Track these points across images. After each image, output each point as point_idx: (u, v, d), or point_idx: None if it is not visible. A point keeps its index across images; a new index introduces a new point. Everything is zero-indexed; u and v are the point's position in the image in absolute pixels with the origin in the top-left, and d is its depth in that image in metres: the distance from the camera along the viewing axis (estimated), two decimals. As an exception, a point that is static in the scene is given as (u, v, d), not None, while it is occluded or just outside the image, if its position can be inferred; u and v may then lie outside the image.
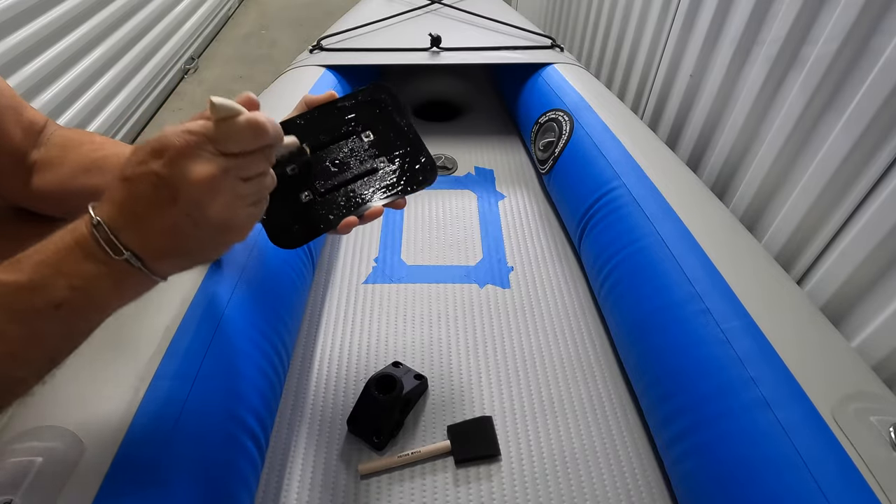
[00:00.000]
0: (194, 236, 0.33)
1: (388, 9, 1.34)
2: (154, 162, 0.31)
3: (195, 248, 0.34)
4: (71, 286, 0.31)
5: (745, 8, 0.91)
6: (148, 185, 0.31)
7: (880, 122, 0.66)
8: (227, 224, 0.33)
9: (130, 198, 0.32)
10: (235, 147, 0.32)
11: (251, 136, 0.33)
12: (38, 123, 0.53)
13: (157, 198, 0.31)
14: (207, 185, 0.31)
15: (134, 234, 0.32)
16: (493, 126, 1.32)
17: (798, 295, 0.63)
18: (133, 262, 0.32)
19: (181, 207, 0.31)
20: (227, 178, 0.32)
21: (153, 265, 0.33)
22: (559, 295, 0.87)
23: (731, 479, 0.50)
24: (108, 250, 0.31)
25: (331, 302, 0.84)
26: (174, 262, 0.34)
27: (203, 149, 0.31)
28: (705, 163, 1.06)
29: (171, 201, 0.31)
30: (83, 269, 0.31)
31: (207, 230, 0.33)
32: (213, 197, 0.32)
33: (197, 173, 0.31)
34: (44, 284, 0.30)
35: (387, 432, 0.65)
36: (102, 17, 1.73)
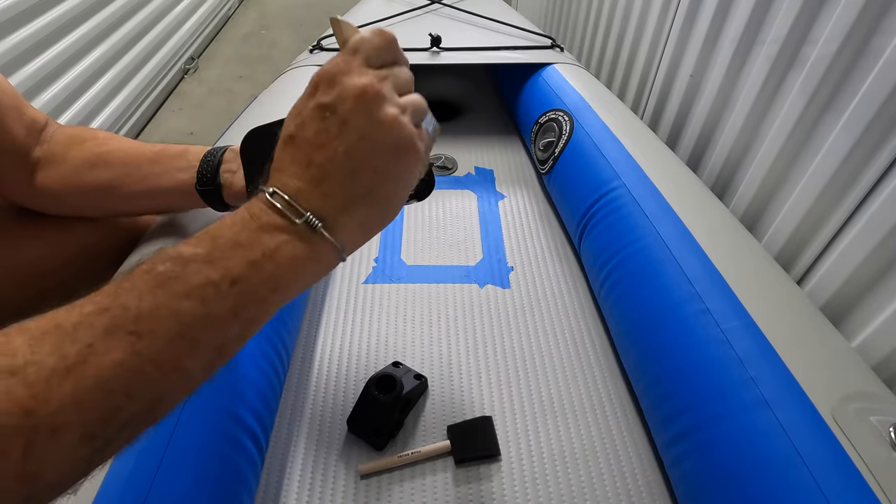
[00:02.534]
0: (372, 166, 0.31)
1: (388, 9, 1.34)
2: (311, 99, 0.30)
3: (376, 186, 0.31)
4: (248, 260, 0.28)
5: (745, 8, 0.91)
6: (314, 122, 0.30)
7: (880, 122, 0.66)
8: (399, 139, 0.31)
9: (300, 150, 0.30)
10: (376, 55, 0.32)
11: (381, 42, 0.32)
12: (39, 122, 0.53)
13: (327, 130, 0.30)
14: (371, 91, 0.30)
15: (313, 188, 0.30)
16: (493, 126, 1.32)
17: (798, 295, 0.63)
18: (314, 224, 0.29)
19: (354, 128, 0.30)
20: (384, 86, 0.31)
21: (335, 225, 0.30)
22: (559, 295, 0.87)
23: (731, 479, 0.50)
24: (287, 214, 0.29)
25: (331, 302, 0.84)
26: (357, 215, 0.31)
27: (353, 65, 0.31)
28: (705, 163, 1.06)
29: (342, 125, 0.30)
30: (260, 241, 0.28)
31: (384, 153, 0.31)
32: (379, 104, 0.30)
33: (358, 82, 0.30)
34: (221, 256, 0.28)
35: (387, 432, 0.65)
36: (102, 17, 1.73)
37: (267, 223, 0.29)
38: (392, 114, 0.31)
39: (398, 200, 0.33)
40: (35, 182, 0.51)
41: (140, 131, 1.97)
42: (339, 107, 0.30)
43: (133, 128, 1.90)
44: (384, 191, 0.32)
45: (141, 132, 1.97)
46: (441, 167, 1.15)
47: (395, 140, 0.31)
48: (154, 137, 1.94)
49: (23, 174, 0.51)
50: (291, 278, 0.30)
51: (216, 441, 0.49)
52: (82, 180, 0.52)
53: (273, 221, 0.29)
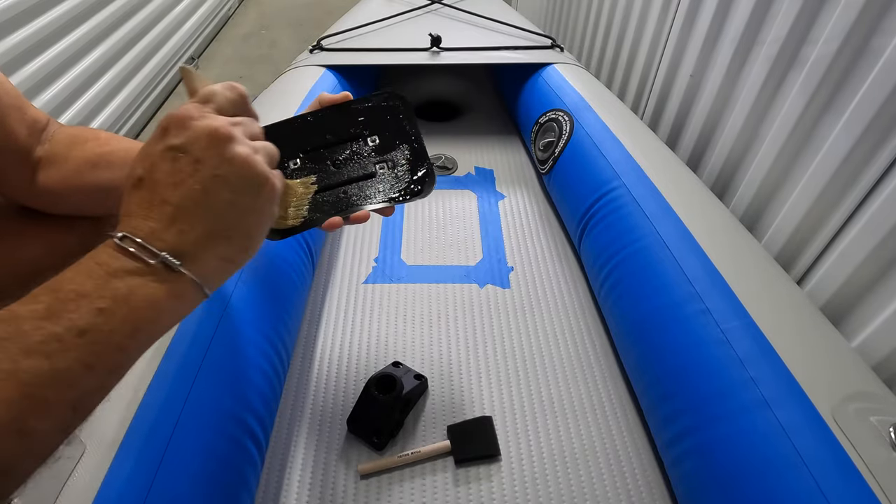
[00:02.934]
0: (228, 201, 0.31)
1: (388, 9, 1.34)
2: (163, 141, 0.31)
3: (234, 221, 0.32)
4: (96, 308, 0.26)
5: (745, 8, 0.91)
6: (167, 162, 0.30)
7: (880, 122, 0.66)
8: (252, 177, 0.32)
9: (152, 192, 0.30)
10: (228, 105, 0.34)
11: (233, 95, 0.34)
12: (41, 121, 0.53)
13: (180, 170, 0.30)
14: (223, 132, 0.31)
15: (166, 227, 0.29)
16: (493, 126, 1.32)
17: (798, 295, 0.63)
18: (171, 263, 0.29)
19: (207, 167, 0.30)
20: (234, 129, 0.32)
21: (195, 262, 0.30)
22: (559, 295, 0.87)
23: (731, 479, 0.50)
24: (140, 257, 0.28)
25: (331, 302, 0.84)
26: (217, 250, 0.31)
27: (203, 110, 0.32)
28: (705, 163, 1.06)
29: (196, 164, 0.30)
30: (109, 287, 0.27)
31: (240, 190, 0.32)
32: (232, 145, 0.31)
33: (208, 125, 0.31)
34: (63, 309, 0.26)
35: (387, 432, 0.65)
36: (102, 17, 1.73)
37: (118, 269, 0.28)
38: (244, 152, 0.32)
39: (258, 234, 0.34)
40: (36, 181, 0.51)
41: (140, 131, 1.97)
42: (191, 147, 0.30)
43: (133, 128, 1.90)
44: (243, 225, 0.32)
45: (141, 132, 1.96)
46: (441, 167, 1.15)
47: (250, 175, 0.32)
48: (154, 137, 1.93)
49: (24, 174, 0.51)
50: (151, 319, 0.29)
51: (216, 441, 0.49)
52: (84, 180, 0.52)
53: (124, 266, 0.28)
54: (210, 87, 0.34)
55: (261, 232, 0.34)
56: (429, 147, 0.49)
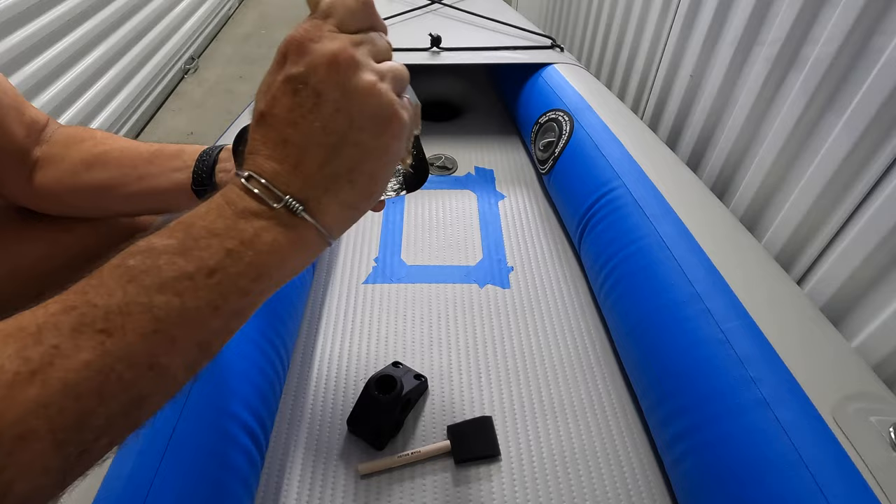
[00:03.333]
0: (353, 141, 0.28)
1: (388, 9, 1.34)
2: (281, 71, 0.28)
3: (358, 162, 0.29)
4: (226, 249, 0.26)
5: (745, 8, 0.91)
6: (286, 96, 0.28)
7: (880, 122, 0.66)
8: (379, 108, 0.29)
9: (273, 129, 0.28)
10: (350, 19, 0.29)
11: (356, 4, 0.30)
12: (39, 122, 0.53)
13: (300, 105, 0.28)
14: (344, 58, 0.28)
15: (290, 169, 0.28)
16: (493, 126, 1.32)
17: (798, 295, 0.63)
18: (294, 207, 0.28)
19: (328, 100, 0.28)
20: (359, 51, 0.29)
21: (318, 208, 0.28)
22: (559, 295, 0.87)
23: (731, 479, 0.50)
24: (264, 199, 0.27)
25: (331, 302, 0.84)
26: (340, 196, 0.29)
27: (322, 30, 0.28)
28: (705, 163, 1.06)
29: (316, 97, 0.27)
30: (238, 227, 0.27)
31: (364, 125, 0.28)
32: (354, 72, 0.28)
33: (329, 49, 0.28)
34: (196, 246, 0.26)
35: (387, 432, 0.65)
36: (102, 17, 1.73)
37: (244, 209, 0.27)
38: (369, 81, 0.28)
39: (384, 176, 0.31)
40: (34, 182, 0.51)
41: (140, 131, 1.97)
42: (311, 77, 0.27)
43: (133, 128, 1.90)
44: (368, 167, 0.30)
45: (141, 132, 1.97)
46: (441, 167, 1.15)
47: (374, 110, 0.29)
48: (153, 137, 1.94)
49: (23, 174, 0.51)
50: (275, 266, 0.28)
51: (216, 441, 0.49)
52: (80, 181, 0.52)
53: (250, 207, 0.27)
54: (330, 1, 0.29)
55: (387, 174, 0.31)
56: (429, 147, 0.49)
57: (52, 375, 0.22)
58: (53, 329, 0.23)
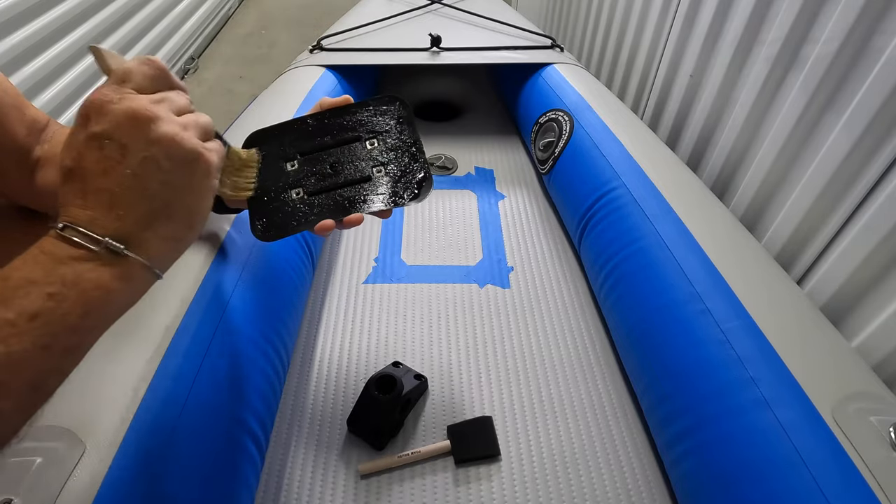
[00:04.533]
0: (162, 181, 0.31)
1: (388, 9, 1.34)
2: (84, 130, 0.30)
3: (171, 200, 0.32)
4: (46, 293, 0.27)
5: (745, 8, 0.91)
6: (93, 151, 0.30)
7: (880, 122, 0.66)
8: (184, 154, 0.32)
9: (83, 180, 0.30)
10: (146, 82, 0.32)
11: (152, 70, 0.33)
12: (40, 121, 0.53)
13: (107, 157, 0.30)
14: (144, 113, 0.30)
15: (104, 213, 0.29)
16: (493, 126, 1.32)
17: (798, 295, 0.63)
18: (115, 248, 0.29)
19: (134, 151, 0.30)
20: (159, 107, 0.31)
21: (140, 245, 0.30)
22: (559, 295, 0.87)
23: (731, 479, 0.50)
24: (83, 244, 0.29)
25: (331, 302, 0.84)
26: (160, 230, 0.31)
27: (121, 92, 0.31)
28: (705, 163, 1.06)
29: (123, 150, 0.30)
30: (57, 273, 0.28)
31: (171, 168, 0.31)
32: (156, 125, 0.31)
33: (128, 107, 0.30)
34: (13, 296, 0.27)
35: (387, 432, 0.65)
36: (102, 17, 1.73)
37: (64, 256, 0.28)
38: (170, 130, 0.31)
39: (200, 209, 0.34)
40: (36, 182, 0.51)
41: (140, 131, 1.97)
42: (115, 133, 0.30)
43: (133, 128, 1.90)
44: (184, 203, 0.32)
45: (141, 132, 1.97)
46: (441, 167, 1.15)
47: (180, 154, 0.31)
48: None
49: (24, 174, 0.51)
50: (101, 301, 0.29)
51: (216, 441, 0.49)
52: None
53: (70, 253, 0.29)
54: (125, 65, 0.33)
55: (203, 207, 0.34)
56: (429, 147, 0.49)
57: None
58: None
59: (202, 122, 0.35)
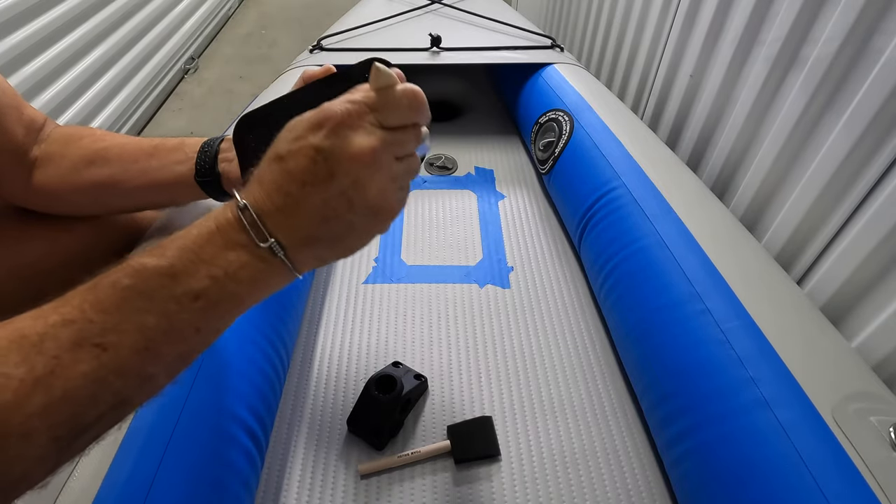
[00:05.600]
0: (345, 220, 0.31)
1: (388, 9, 1.34)
2: (313, 135, 0.30)
3: (342, 235, 0.32)
4: (211, 276, 0.29)
5: (745, 8, 0.91)
6: (305, 159, 0.30)
7: (880, 122, 0.66)
8: (379, 207, 0.32)
9: (283, 176, 0.30)
10: (395, 118, 0.31)
11: (409, 107, 0.32)
12: (38, 121, 0.53)
13: (313, 173, 0.29)
14: (369, 158, 0.30)
15: (283, 218, 0.30)
16: (493, 126, 1.32)
17: (798, 295, 0.63)
18: (276, 250, 0.30)
19: (338, 184, 0.30)
20: (386, 154, 0.31)
21: (295, 254, 0.31)
22: (559, 295, 0.87)
23: (731, 479, 0.50)
24: (252, 236, 0.30)
25: (331, 302, 0.84)
26: (317, 252, 0.32)
27: (364, 119, 0.30)
28: (705, 163, 1.06)
29: (329, 177, 0.30)
30: (223, 257, 0.29)
31: (360, 213, 0.31)
32: (371, 172, 0.30)
33: (359, 144, 0.30)
34: (184, 271, 0.28)
35: (387, 432, 0.65)
36: (102, 17, 1.73)
37: (232, 240, 0.30)
38: (381, 185, 0.31)
39: (360, 247, 0.34)
40: (33, 181, 0.51)
41: (140, 131, 1.97)
42: (332, 157, 0.30)
43: (133, 128, 1.90)
44: (350, 241, 0.33)
45: (141, 132, 1.97)
46: (441, 167, 1.15)
47: (376, 205, 0.31)
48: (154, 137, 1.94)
49: (21, 174, 0.51)
50: (250, 294, 0.31)
51: (216, 441, 0.49)
52: (81, 178, 0.52)
53: (238, 239, 0.30)
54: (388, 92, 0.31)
55: (363, 245, 0.34)
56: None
57: (54, 384, 0.25)
58: (54, 340, 0.26)
59: (413, 169, 0.34)
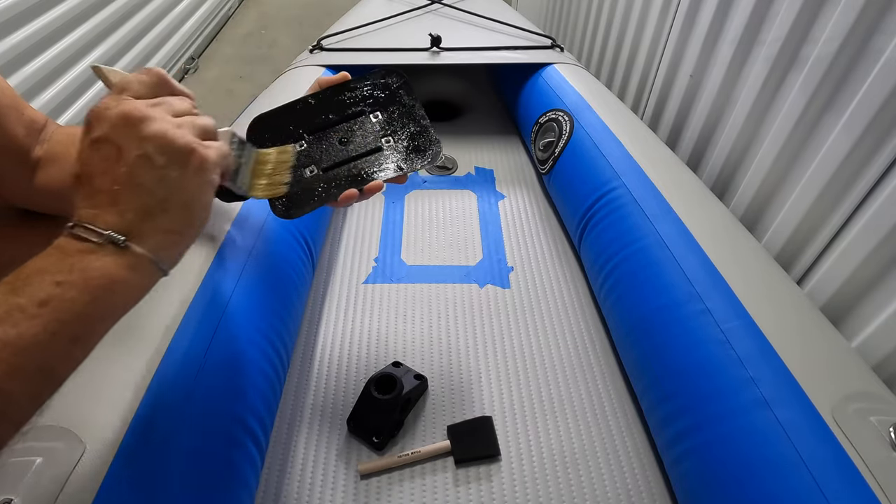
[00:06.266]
0: (155, 177, 0.33)
1: (388, 9, 1.34)
2: (87, 137, 0.33)
3: (168, 195, 0.33)
4: (55, 281, 0.29)
5: (745, 8, 0.91)
6: (94, 155, 0.32)
7: (880, 122, 0.66)
8: (177, 149, 0.33)
9: (87, 182, 0.32)
10: (145, 90, 0.35)
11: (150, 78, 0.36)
12: (38, 122, 0.53)
13: (105, 157, 0.32)
14: (136, 114, 0.32)
15: (107, 211, 0.32)
16: (493, 126, 1.32)
17: (798, 295, 0.63)
18: (116, 238, 0.31)
19: (129, 149, 0.32)
20: (154, 110, 0.33)
21: (140, 238, 0.32)
22: (559, 295, 0.87)
23: (731, 479, 0.50)
24: (89, 239, 0.31)
25: (331, 302, 0.84)
26: (159, 223, 0.33)
27: (119, 100, 0.33)
28: (705, 163, 1.06)
29: (118, 151, 0.32)
30: (64, 263, 0.30)
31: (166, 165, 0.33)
32: (145, 124, 0.33)
33: (121, 111, 0.33)
34: (25, 284, 0.29)
35: (387, 432, 0.65)
36: (102, 17, 1.73)
37: (72, 250, 0.31)
38: (161, 128, 0.33)
39: (198, 204, 0.35)
40: (36, 182, 0.51)
41: (140, 131, 1.97)
42: (111, 135, 0.32)
43: (133, 128, 1.90)
44: (177, 197, 0.34)
45: (141, 132, 1.97)
46: (441, 167, 1.15)
47: (171, 149, 0.33)
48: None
49: (23, 174, 0.51)
50: (108, 289, 0.31)
51: (216, 441, 0.49)
52: None
53: (78, 247, 0.31)
54: (124, 76, 0.36)
55: (201, 201, 0.35)
56: None
57: None
58: None
59: (199, 122, 0.36)
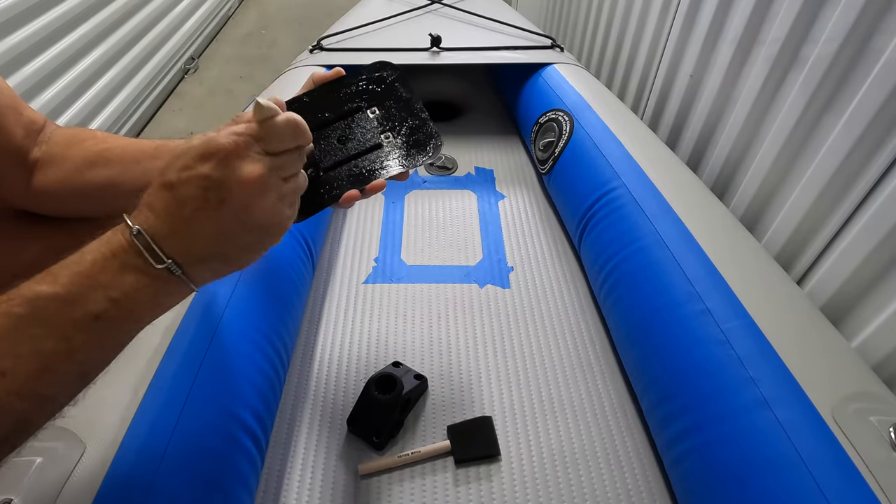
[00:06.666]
0: (238, 240, 0.33)
1: (388, 9, 1.34)
2: (202, 165, 0.31)
3: (236, 252, 0.34)
4: (109, 298, 0.30)
5: (745, 8, 0.91)
6: (196, 188, 0.31)
7: (880, 122, 0.66)
8: (270, 225, 0.34)
9: (175, 203, 0.31)
10: (279, 145, 0.34)
11: (291, 134, 0.34)
12: (37, 122, 0.53)
13: (205, 201, 0.31)
14: (257, 185, 0.32)
15: (178, 240, 0.31)
16: (493, 126, 1.32)
17: (798, 295, 0.63)
18: (174, 269, 0.31)
19: (230, 210, 0.32)
20: (273, 178, 0.33)
21: (192, 272, 0.32)
22: (559, 295, 0.87)
23: (731, 479, 0.50)
24: (148, 259, 0.31)
25: (331, 302, 0.84)
26: (213, 267, 0.34)
27: (251, 149, 0.32)
28: (705, 163, 1.06)
29: (220, 203, 0.31)
30: (122, 280, 0.30)
31: (253, 233, 0.33)
32: (261, 197, 0.32)
33: (247, 172, 0.32)
34: (82, 296, 0.29)
35: (387, 432, 0.65)
36: (102, 17, 1.73)
37: (128, 263, 0.31)
38: (270, 206, 0.33)
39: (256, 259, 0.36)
40: (34, 183, 0.51)
41: (140, 131, 1.97)
42: (223, 185, 0.31)
43: (133, 128, 1.90)
44: (244, 257, 0.35)
45: (141, 132, 1.96)
46: (441, 167, 1.15)
47: (266, 224, 0.34)
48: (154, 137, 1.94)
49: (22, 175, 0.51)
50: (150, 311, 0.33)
51: (216, 441, 0.49)
52: (83, 179, 0.51)
53: (133, 263, 0.31)
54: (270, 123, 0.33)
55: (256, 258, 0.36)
56: None
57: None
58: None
59: (301, 186, 0.37)
